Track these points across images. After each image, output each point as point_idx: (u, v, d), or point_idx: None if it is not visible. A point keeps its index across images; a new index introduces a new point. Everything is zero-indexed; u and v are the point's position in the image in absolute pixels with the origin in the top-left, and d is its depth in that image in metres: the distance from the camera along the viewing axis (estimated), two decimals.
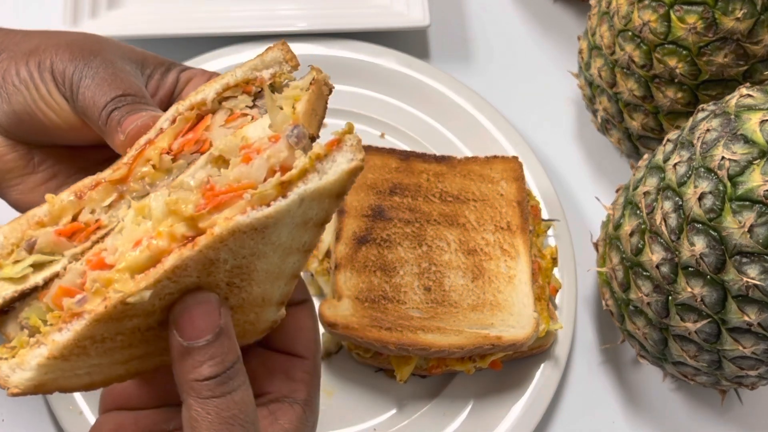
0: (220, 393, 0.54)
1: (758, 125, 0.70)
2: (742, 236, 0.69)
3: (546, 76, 1.13)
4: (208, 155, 0.54)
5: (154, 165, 0.55)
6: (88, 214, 0.54)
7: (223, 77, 0.58)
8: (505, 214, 0.92)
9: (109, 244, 0.52)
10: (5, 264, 0.53)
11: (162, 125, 0.56)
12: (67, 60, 0.65)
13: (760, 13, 0.81)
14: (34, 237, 0.53)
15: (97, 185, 0.54)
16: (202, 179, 0.53)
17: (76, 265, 0.53)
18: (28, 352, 0.51)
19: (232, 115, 0.57)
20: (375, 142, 1.01)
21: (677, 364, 0.82)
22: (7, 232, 0.53)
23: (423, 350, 0.82)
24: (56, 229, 0.53)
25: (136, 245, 0.51)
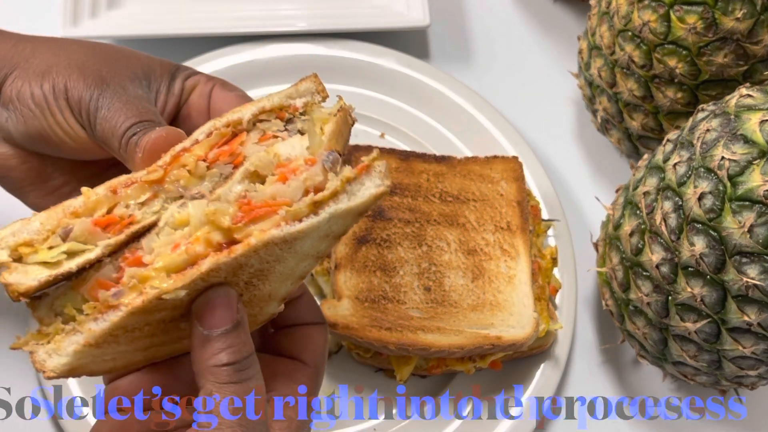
0: (237, 379, 0.58)
1: (758, 125, 0.70)
2: (741, 236, 0.69)
3: (546, 76, 1.13)
4: (244, 170, 0.58)
5: (189, 170, 0.59)
6: (122, 208, 0.57)
7: (260, 101, 0.62)
8: (505, 214, 0.92)
9: (146, 245, 0.56)
10: (41, 249, 0.55)
11: (198, 136, 0.60)
12: (81, 87, 0.68)
13: (759, 13, 0.81)
14: (71, 225, 0.56)
15: (131, 183, 0.57)
16: (239, 193, 0.57)
17: (112, 260, 0.56)
18: (64, 338, 0.55)
19: (264, 136, 0.62)
20: (375, 142, 1.01)
21: (677, 364, 0.82)
22: (43, 218, 0.56)
23: (423, 350, 0.82)
24: (93, 219, 0.56)
25: (174, 248, 0.56)
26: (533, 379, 0.89)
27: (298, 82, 0.65)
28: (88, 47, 0.72)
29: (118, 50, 0.73)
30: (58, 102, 0.68)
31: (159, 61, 0.73)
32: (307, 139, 0.60)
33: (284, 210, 0.56)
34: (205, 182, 0.59)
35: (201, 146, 0.60)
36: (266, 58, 1.06)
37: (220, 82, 0.74)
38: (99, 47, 0.72)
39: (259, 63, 1.05)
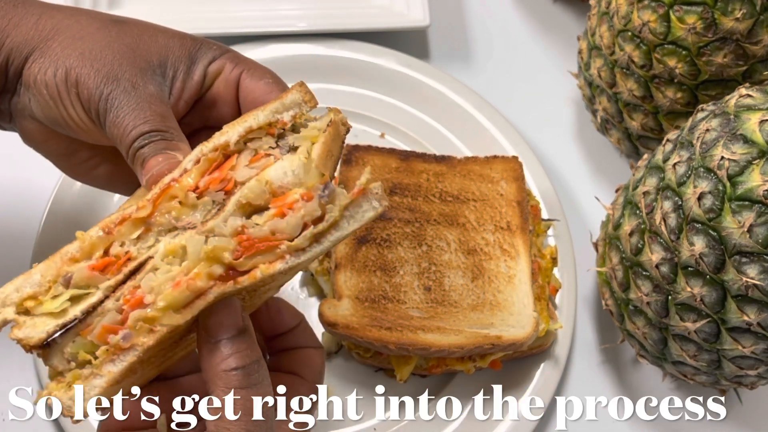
0: (246, 384, 0.59)
1: (758, 125, 0.70)
2: (741, 236, 0.69)
3: (546, 76, 1.13)
4: (236, 202, 0.59)
5: (180, 201, 0.59)
6: (117, 247, 0.58)
7: (246, 120, 0.62)
8: (505, 214, 0.92)
9: (144, 284, 0.57)
10: (45, 300, 0.57)
11: (186, 165, 0.60)
12: (91, 84, 0.68)
13: (759, 13, 0.81)
14: (70, 272, 0.57)
15: (123, 221, 0.58)
16: (236, 228, 0.58)
17: (113, 303, 0.57)
18: (86, 383, 0.57)
19: (256, 155, 0.61)
20: (375, 142, 1.01)
21: (677, 364, 0.82)
22: (43, 269, 0.57)
23: (423, 350, 0.82)
24: (89, 264, 0.57)
25: (176, 286, 0.56)
26: (533, 378, 0.89)
27: (284, 93, 0.64)
28: (107, 30, 0.71)
29: (138, 32, 0.71)
30: (70, 95, 0.68)
31: (180, 38, 0.72)
32: (297, 160, 0.59)
33: (286, 245, 0.58)
34: (197, 212, 0.59)
35: (190, 175, 0.60)
36: (266, 58, 1.06)
37: (248, 66, 0.72)
38: (117, 30, 0.71)
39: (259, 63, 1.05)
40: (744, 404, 0.92)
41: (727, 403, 0.92)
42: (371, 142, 0.99)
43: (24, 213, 0.97)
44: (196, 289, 0.57)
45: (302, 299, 0.94)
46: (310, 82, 1.06)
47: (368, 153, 0.96)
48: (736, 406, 0.93)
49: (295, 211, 0.58)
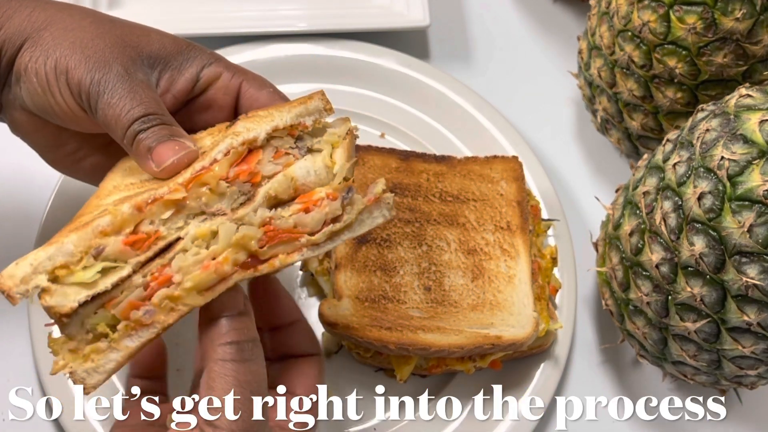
0: (239, 358, 0.61)
1: (757, 125, 0.70)
2: (741, 236, 0.69)
3: (546, 76, 1.13)
4: (265, 193, 0.64)
5: (211, 189, 0.63)
6: (147, 225, 0.61)
7: (274, 119, 0.67)
8: (505, 213, 0.92)
9: (174, 264, 0.60)
10: (76, 270, 0.59)
11: (216, 156, 0.64)
12: (82, 70, 0.68)
13: (759, 13, 0.81)
14: (103, 245, 0.59)
15: (155, 200, 0.61)
16: (264, 218, 0.63)
17: (140, 278, 0.60)
18: (101, 356, 0.60)
19: (277, 153, 0.66)
20: (375, 142, 1.01)
21: (677, 364, 0.82)
22: (75, 240, 0.59)
23: (423, 350, 0.82)
24: (123, 238, 0.59)
25: (205, 268, 0.61)
26: (533, 378, 0.89)
27: (307, 99, 0.69)
28: (99, 24, 0.72)
29: (130, 28, 0.73)
30: (59, 83, 0.69)
31: (173, 38, 0.74)
32: (320, 162, 0.66)
33: (306, 238, 0.64)
34: (225, 200, 0.63)
35: (221, 165, 0.63)
36: (266, 58, 1.06)
37: (247, 76, 0.75)
38: (110, 24, 0.72)
39: (259, 63, 1.05)
40: (744, 404, 0.92)
41: (727, 403, 0.92)
42: (371, 142, 0.99)
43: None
44: (222, 273, 0.61)
45: (302, 299, 0.94)
46: (310, 82, 1.07)
47: (368, 153, 0.96)
48: (736, 406, 0.93)
49: (320, 208, 0.64)
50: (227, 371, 0.61)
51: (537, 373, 0.89)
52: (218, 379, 0.61)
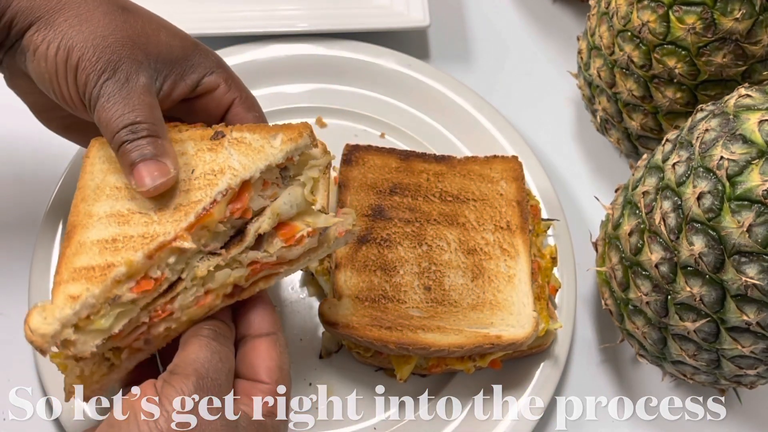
0: (213, 336, 0.69)
1: (757, 125, 0.71)
2: (740, 236, 0.69)
3: (545, 76, 1.13)
4: (254, 233, 0.70)
5: (209, 230, 0.69)
6: (156, 270, 0.67)
7: (266, 158, 0.71)
8: (504, 213, 0.92)
9: (177, 304, 0.68)
10: (96, 319, 0.65)
11: (216, 197, 0.68)
12: (90, 68, 0.71)
13: (758, 13, 0.82)
14: (119, 294, 0.65)
15: (163, 247, 0.66)
16: (254, 258, 0.70)
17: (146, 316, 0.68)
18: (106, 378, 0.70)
19: (264, 184, 0.72)
20: (375, 142, 1.01)
21: (676, 364, 0.82)
22: (97, 294, 0.64)
23: (423, 349, 0.83)
24: (133, 287, 0.66)
25: (199, 306, 0.69)
26: (533, 378, 0.89)
27: (297, 136, 0.73)
28: (112, 16, 0.74)
29: (142, 24, 0.75)
30: (68, 75, 0.71)
31: (181, 39, 0.76)
32: (300, 197, 0.73)
33: (285, 268, 0.73)
34: (220, 237, 0.70)
35: (220, 208, 0.69)
36: (266, 58, 1.06)
37: (241, 94, 0.78)
38: (122, 18, 0.74)
39: (259, 63, 1.05)
40: (743, 404, 0.92)
41: (727, 402, 0.92)
42: (371, 142, 0.99)
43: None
44: (213, 307, 0.70)
45: (302, 299, 0.94)
46: (310, 83, 1.07)
47: (368, 153, 0.96)
48: (735, 405, 0.93)
49: (302, 244, 0.72)
50: (202, 341, 0.68)
51: (537, 373, 0.89)
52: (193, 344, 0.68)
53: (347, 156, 0.95)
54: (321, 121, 1.04)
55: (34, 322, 0.63)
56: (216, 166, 0.71)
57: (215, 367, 0.67)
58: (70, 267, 0.67)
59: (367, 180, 0.93)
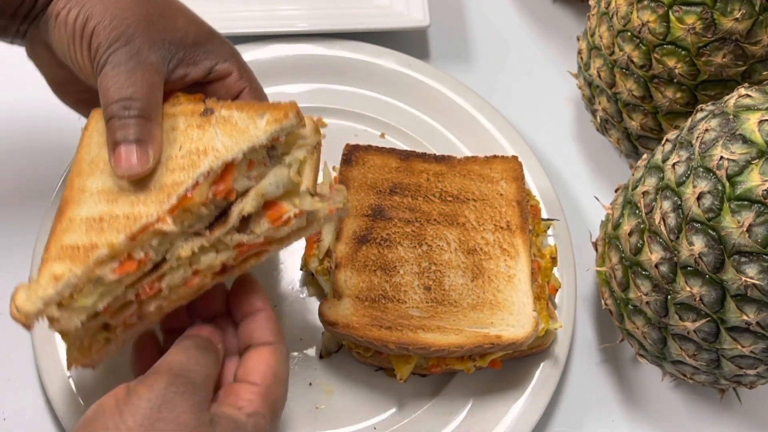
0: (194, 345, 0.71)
1: (757, 125, 0.71)
2: (740, 236, 0.69)
3: (545, 76, 1.13)
4: (238, 214, 0.70)
5: (192, 213, 0.69)
6: (139, 252, 0.67)
7: (250, 140, 0.70)
8: (504, 213, 0.92)
9: (165, 283, 0.69)
10: (79, 298, 0.66)
11: (198, 179, 0.68)
12: (103, 36, 0.72)
13: (758, 13, 0.82)
14: (101, 276, 0.66)
15: (145, 229, 0.67)
16: (240, 240, 0.71)
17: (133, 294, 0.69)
18: (104, 349, 0.72)
19: (250, 164, 0.71)
20: (375, 142, 1.01)
21: (676, 363, 0.82)
22: (79, 275, 0.65)
23: (423, 349, 0.83)
24: (116, 268, 0.66)
25: (188, 285, 0.70)
26: (533, 378, 0.89)
27: (283, 117, 0.72)
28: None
29: (162, 7, 0.76)
30: (83, 41, 0.73)
31: (197, 26, 0.78)
32: (286, 176, 0.72)
33: (273, 247, 0.73)
34: (203, 219, 0.70)
35: (202, 190, 0.68)
36: (266, 58, 1.06)
37: (251, 84, 0.79)
38: None
39: (259, 63, 1.05)
40: (743, 404, 0.93)
41: (727, 402, 0.92)
42: (371, 142, 0.99)
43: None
44: (203, 286, 0.71)
45: (302, 299, 0.94)
46: (311, 83, 1.07)
47: (368, 153, 0.96)
48: (735, 405, 0.93)
49: (288, 224, 0.72)
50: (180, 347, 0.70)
51: (537, 373, 0.89)
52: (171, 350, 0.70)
53: (347, 156, 0.95)
54: (321, 121, 1.04)
55: (19, 300, 0.65)
56: (201, 145, 0.71)
57: (191, 368, 0.67)
58: (57, 244, 0.68)
59: (367, 180, 0.94)
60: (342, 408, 0.89)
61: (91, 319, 0.68)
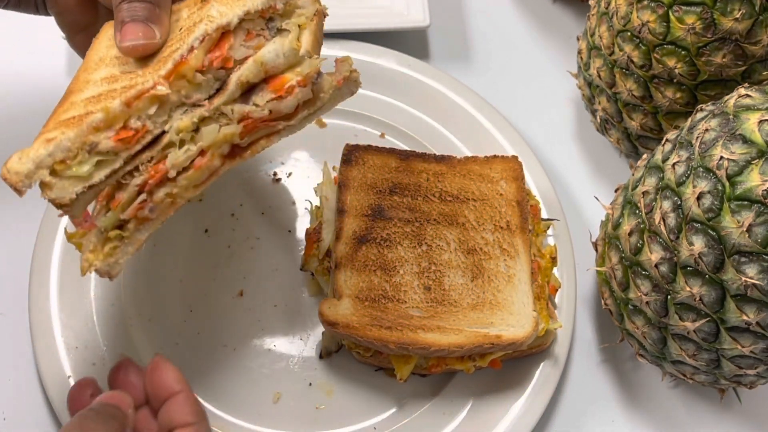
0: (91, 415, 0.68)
1: (756, 125, 0.71)
2: (740, 236, 0.69)
3: (545, 76, 1.13)
4: (237, 82, 0.69)
5: (189, 81, 0.68)
6: (135, 120, 0.66)
7: (245, 4, 0.70)
8: (504, 213, 0.92)
9: (169, 162, 0.67)
10: (73, 165, 0.65)
11: (193, 43, 0.68)
12: None
13: (758, 13, 0.82)
14: (96, 142, 0.65)
15: (141, 95, 0.66)
16: (242, 113, 0.69)
17: (139, 179, 0.67)
18: (120, 250, 0.69)
19: (248, 34, 0.70)
20: (375, 142, 1.01)
21: (676, 363, 0.82)
22: (72, 138, 0.65)
23: (423, 349, 0.83)
24: (112, 135, 0.66)
25: (197, 167, 0.68)
26: (533, 378, 0.89)
27: None
28: None
29: None
30: None
31: None
32: (288, 45, 0.70)
33: (282, 123, 0.71)
34: (202, 89, 0.69)
35: (197, 55, 0.67)
36: None
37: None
38: None
39: None
40: (743, 404, 0.93)
41: (727, 402, 0.92)
42: (371, 142, 0.99)
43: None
44: (212, 169, 0.69)
45: (302, 299, 0.94)
46: None
47: (368, 153, 0.96)
48: (735, 405, 0.93)
49: (293, 95, 0.70)
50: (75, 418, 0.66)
51: (537, 373, 0.89)
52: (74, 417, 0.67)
53: (347, 156, 0.95)
54: (321, 121, 1.04)
55: (11, 162, 0.65)
56: (197, 18, 0.71)
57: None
58: (56, 120, 0.68)
59: (366, 180, 0.94)
60: (342, 408, 0.89)
61: (85, 192, 0.66)
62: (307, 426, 0.87)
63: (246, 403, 0.88)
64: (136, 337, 0.90)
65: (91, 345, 0.88)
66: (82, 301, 0.90)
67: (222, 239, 0.96)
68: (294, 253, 0.96)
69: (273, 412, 0.88)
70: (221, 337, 0.91)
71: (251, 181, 1.00)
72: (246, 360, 0.90)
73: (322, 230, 0.92)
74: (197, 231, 0.97)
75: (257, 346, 0.91)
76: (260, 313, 0.93)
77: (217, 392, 0.88)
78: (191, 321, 0.92)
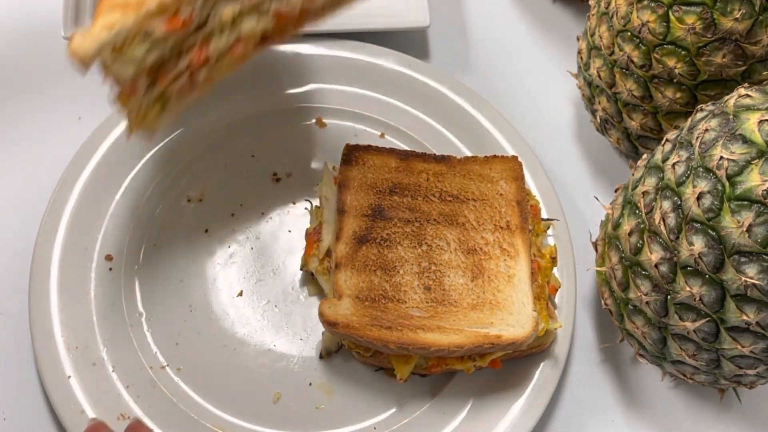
0: None
1: (757, 125, 0.71)
2: (740, 236, 0.69)
3: (545, 76, 1.13)
4: None
5: None
6: (185, 9, 0.74)
7: None
8: (504, 213, 0.92)
9: (212, 49, 0.77)
10: (130, 48, 0.73)
11: None
12: None
13: (758, 13, 0.82)
14: (151, 27, 0.73)
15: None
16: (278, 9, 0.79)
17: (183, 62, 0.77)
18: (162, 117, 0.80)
19: None
20: (375, 142, 1.01)
21: (676, 363, 0.82)
22: (130, 23, 0.72)
23: (423, 349, 0.83)
24: (165, 23, 0.74)
25: (233, 53, 0.79)
26: (533, 378, 0.89)
27: None
28: None
29: None
30: None
31: None
32: None
33: (310, 17, 0.82)
34: None
35: None
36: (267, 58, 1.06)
37: None
38: None
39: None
40: (743, 404, 0.93)
41: (727, 402, 0.92)
42: (371, 142, 0.99)
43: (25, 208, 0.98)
44: (246, 56, 0.80)
45: (302, 299, 0.94)
46: (311, 83, 1.07)
47: (368, 153, 0.96)
48: (735, 405, 0.93)
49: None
50: None
51: (537, 373, 0.89)
52: None
53: (347, 156, 0.95)
54: (321, 121, 1.04)
55: (76, 42, 0.71)
56: None
57: None
58: (109, 3, 0.74)
59: (366, 180, 0.94)
60: (342, 408, 0.89)
61: (139, 71, 0.74)
62: (307, 426, 0.87)
63: (246, 403, 0.88)
64: (136, 337, 0.90)
65: (91, 345, 0.88)
66: (82, 301, 0.90)
67: (222, 239, 0.96)
68: (294, 253, 0.96)
69: (273, 412, 0.88)
70: (221, 337, 0.91)
71: (251, 181, 1.00)
72: (246, 360, 0.90)
73: (322, 230, 0.92)
74: (197, 231, 0.97)
75: (257, 346, 0.91)
76: (260, 313, 0.93)
77: (217, 392, 0.88)
78: (191, 321, 0.92)
